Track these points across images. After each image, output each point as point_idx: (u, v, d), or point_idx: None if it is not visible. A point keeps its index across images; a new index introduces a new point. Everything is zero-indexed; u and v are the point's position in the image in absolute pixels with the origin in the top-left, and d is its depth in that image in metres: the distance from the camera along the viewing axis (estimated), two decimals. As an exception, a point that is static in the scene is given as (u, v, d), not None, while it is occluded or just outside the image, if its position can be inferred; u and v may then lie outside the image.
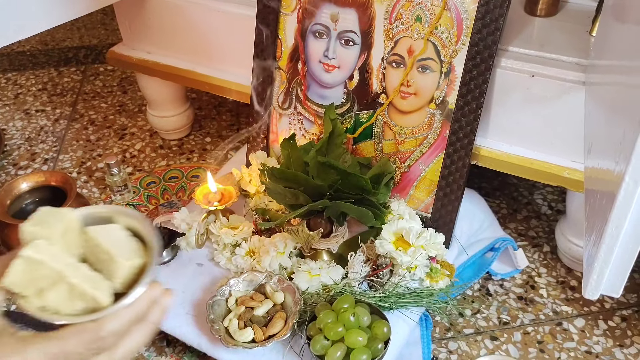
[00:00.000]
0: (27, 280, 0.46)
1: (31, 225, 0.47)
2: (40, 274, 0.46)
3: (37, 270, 0.45)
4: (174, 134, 1.35)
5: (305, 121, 1.01)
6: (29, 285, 0.46)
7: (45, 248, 0.46)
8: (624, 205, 0.49)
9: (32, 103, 1.52)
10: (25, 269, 0.45)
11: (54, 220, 0.48)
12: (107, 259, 0.48)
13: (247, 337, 0.78)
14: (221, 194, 0.95)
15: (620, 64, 0.61)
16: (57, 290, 0.46)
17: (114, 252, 0.48)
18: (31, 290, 0.46)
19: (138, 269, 0.49)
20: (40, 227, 0.47)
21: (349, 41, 0.93)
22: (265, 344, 0.77)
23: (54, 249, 0.47)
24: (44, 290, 0.46)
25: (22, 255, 0.45)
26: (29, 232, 0.47)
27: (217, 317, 0.81)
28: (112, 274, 0.48)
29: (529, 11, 0.96)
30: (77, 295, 0.46)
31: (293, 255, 0.90)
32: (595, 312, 0.94)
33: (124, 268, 0.48)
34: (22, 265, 0.45)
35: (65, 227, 0.48)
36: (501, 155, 0.90)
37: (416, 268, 0.85)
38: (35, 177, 1.04)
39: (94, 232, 0.49)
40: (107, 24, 1.93)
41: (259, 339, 0.78)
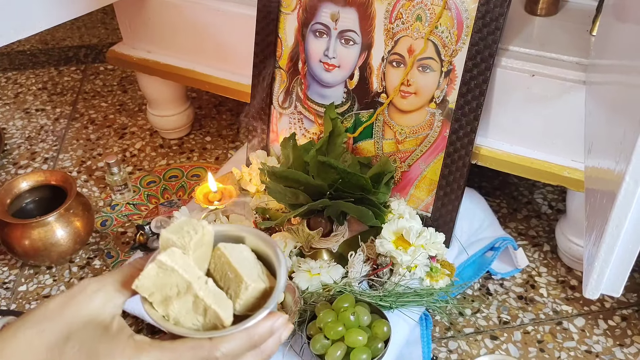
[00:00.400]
0: (156, 286, 0.46)
1: (169, 233, 0.47)
2: (170, 282, 0.46)
3: (168, 278, 0.45)
4: (174, 133, 1.35)
5: (306, 120, 1.01)
6: (157, 291, 0.46)
7: (179, 257, 0.46)
8: (625, 205, 0.49)
9: (32, 102, 1.52)
10: (158, 274, 0.45)
11: (192, 231, 0.47)
12: (234, 278, 0.47)
13: None
14: (221, 193, 0.95)
15: (621, 63, 0.61)
16: (183, 301, 0.46)
17: (241, 272, 0.47)
18: (158, 296, 0.46)
19: (260, 293, 0.48)
20: (177, 235, 0.47)
21: (349, 40, 0.93)
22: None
23: (188, 259, 0.46)
24: (170, 299, 0.46)
25: (158, 260, 0.45)
26: (165, 239, 0.47)
27: None
28: (236, 294, 0.47)
29: (530, 10, 0.96)
30: (201, 310, 0.46)
31: (293, 255, 0.90)
32: (595, 312, 0.94)
33: (249, 290, 0.47)
34: (155, 270, 0.45)
35: (201, 240, 0.47)
36: (501, 155, 0.90)
37: (416, 267, 0.85)
38: (35, 177, 1.04)
39: (224, 249, 0.49)
40: (107, 23, 1.93)
41: (259, 338, 0.78)
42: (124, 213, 1.15)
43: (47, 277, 1.02)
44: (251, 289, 0.47)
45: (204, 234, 0.47)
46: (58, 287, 1.00)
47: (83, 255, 1.06)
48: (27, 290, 1.00)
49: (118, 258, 1.05)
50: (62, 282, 1.01)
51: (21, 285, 1.01)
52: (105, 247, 1.08)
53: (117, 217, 1.14)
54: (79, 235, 1.01)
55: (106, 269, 1.03)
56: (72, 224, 1.00)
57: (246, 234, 0.52)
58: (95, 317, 0.45)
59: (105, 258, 1.05)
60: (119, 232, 1.11)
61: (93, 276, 0.51)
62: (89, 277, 1.01)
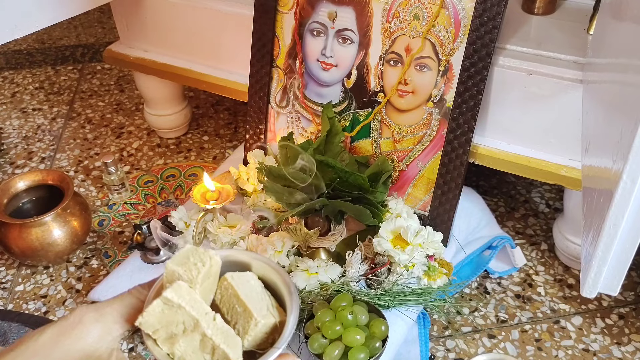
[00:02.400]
0: (161, 322, 0.43)
1: (175, 265, 0.44)
2: (176, 319, 0.43)
3: (174, 315, 0.43)
4: (171, 132, 1.35)
5: (303, 119, 1.01)
6: (162, 328, 0.43)
7: (186, 292, 0.43)
8: (622, 204, 0.49)
9: (29, 102, 1.52)
10: (163, 311, 0.43)
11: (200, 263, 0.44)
12: (242, 312, 0.45)
13: None
14: (219, 193, 0.95)
15: (618, 62, 0.61)
16: (189, 339, 0.43)
17: (250, 306, 0.44)
18: (162, 333, 0.43)
19: (270, 328, 0.45)
20: (184, 268, 0.44)
21: (346, 39, 0.93)
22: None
23: (194, 294, 0.43)
24: (176, 336, 0.43)
25: (163, 297, 0.42)
26: (171, 272, 0.44)
27: None
28: (244, 330, 0.44)
29: (527, 9, 0.96)
30: (209, 349, 0.43)
31: (291, 254, 0.89)
32: (592, 310, 0.94)
33: (259, 326, 0.44)
34: (161, 307, 0.43)
35: (208, 272, 0.45)
36: (499, 154, 0.90)
37: (414, 266, 0.85)
38: (32, 176, 1.04)
39: (231, 279, 0.46)
40: (104, 22, 1.93)
41: (257, 338, 0.78)
42: (121, 213, 1.15)
43: (44, 277, 1.02)
44: (261, 325, 0.44)
45: (211, 266, 0.45)
46: (55, 286, 1.00)
47: (80, 255, 1.06)
48: (25, 290, 1.00)
49: (115, 258, 1.05)
50: (59, 282, 1.00)
51: (18, 285, 1.01)
52: (102, 247, 1.07)
53: (115, 216, 1.14)
54: (76, 235, 1.01)
55: (103, 269, 1.02)
56: (69, 224, 0.99)
57: (253, 261, 0.49)
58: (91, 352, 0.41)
59: (103, 258, 1.05)
60: (116, 232, 1.11)
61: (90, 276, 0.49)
62: (86, 276, 1.01)
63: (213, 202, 0.93)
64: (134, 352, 0.88)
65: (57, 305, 0.96)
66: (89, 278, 1.00)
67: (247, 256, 0.49)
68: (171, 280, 0.44)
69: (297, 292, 0.47)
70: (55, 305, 0.96)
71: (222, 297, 0.46)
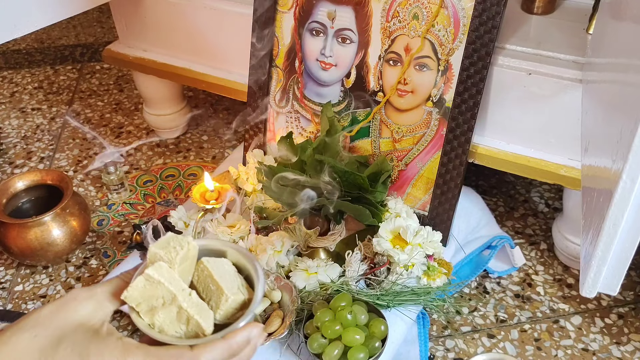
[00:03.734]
0: (143, 297, 0.49)
1: (157, 248, 0.51)
2: (156, 294, 0.49)
3: (154, 290, 0.49)
4: (170, 132, 1.35)
5: (302, 119, 1.01)
6: (144, 302, 0.49)
7: (166, 271, 0.49)
8: (621, 203, 0.49)
9: (28, 101, 1.52)
10: (145, 286, 0.49)
11: (178, 247, 0.51)
12: (215, 290, 0.51)
13: None
14: (218, 193, 0.95)
15: (617, 61, 0.61)
16: (167, 311, 0.49)
17: (222, 285, 0.51)
18: (144, 306, 0.49)
19: (239, 304, 0.51)
20: (164, 250, 0.50)
21: (346, 39, 0.93)
22: (263, 342, 0.77)
23: (173, 273, 0.50)
24: (156, 309, 0.49)
25: (146, 274, 0.49)
26: (153, 254, 0.51)
27: None
28: (217, 305, 0.51)
29: (526, 9, 0.96)
30: (184, 319, 0.49)
31: (290, 254, 0.89)
32: (592, 310, 0.94)
33: (229, 301, 0.50)
34: (143, 283, 0.49)
35: (186, 255, 0.51)
36: (498, 153, 0.90)
37: (413, 266, 0.85)
38: (31, 176, 1.04)
39: (207, 263, 0.52)
40: (103, 22, 1.93)
41: (257, 338, 0.78)
42: (120, 212, 1.15)
43: (43, 277, 1.02)
44: (231, 301, 0.50)
45: (189, 249, 0.51)
46: (54, 286, 1.00)
47: (79, 255, 1.06)
48: (24, 290, 1.00)
49: (115, 257, 1.05)
50: (58, 282, 1.00)
51: (17, 285, 1.01)
52: (101, 247, 1.07)
53: (114, 216, 1.14)
54: (75, 235, 1.00)
55: (102, 269, 1.02)
56: (68, 224, 0.99)
57: (228, 249, 0.55)
58: (85, 322, 0.48)
59: (102, 257, 1.05)
60: (115, 232, 1.10)
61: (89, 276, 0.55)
62: (85, 276, 1.01)
63: (212, 202, 0.93)
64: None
65: (57, 305, 0.96)
66: (88, 278, 1.00)
67: (223, 245, 0.56)
68: (153, 262, 0.50)
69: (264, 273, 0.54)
70: (54, 305, 0.96)
71: (198, 278, 0.52)
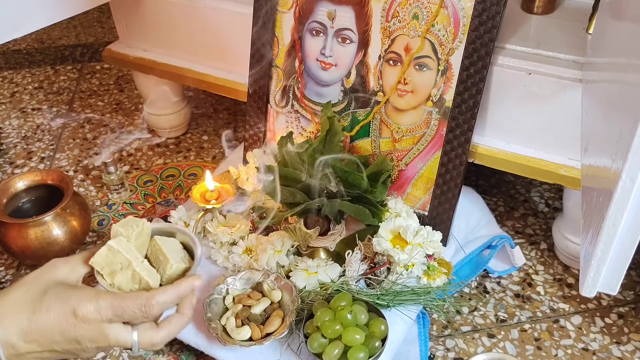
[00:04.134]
0: (106, 262, 0.64)
1: (118, 226, 0.65)
2: (116, 260, 0.63)
3: (114, 257, 0.63)
4: (170, 132, 1.35)
5: (303, 119, 1.01)
6: (107, 266, 0.64)
7: (124, 243, 0.64)
8: (621, 203, 0.49)
9: (29, 101, 1.52)
10: (107, 254, 0.63)
11: (135, 225, 0.65)
12: (163, 260, 0.66)
13: (244, 335, 0.78)
14: (218, 193, 0.95)
15: (617, 61, 0.61)
16: (124, 274, 0.64)
17: (169, 256, 0.66)
18: (107, 270, 0.64)
19: (182, 271, 0.67)
20: (124, 228, 0.65)
21: (345, 39, 0.93)
22: (263, 342, 0.77)
23: (130, 245, 0.64)
24: (115, 272, 0.64)
25: (108, 244, 0.63)
26: (115, 231, 0.65)
27: (214, 316, 0.81)
28: (164, 271, 0.66)
29: (526, 9, 0.96)
30: (137, 280, 0.64)
31: (290, 254, 0.89)
32: (592, 310, 0.94)
33: (173, 268, 0.65)
34: (106, 251, 0.63)
35: (140, 232, 0.65)
36: (498, 153, 0.90)
37: (413, 266, 0.85)
38: (31, 176, 1.04)
39: (158, 240, 0.67)
40: (104, 22, 1.93)
41: (256, 337, 0.78)
42: (120, 212, 1.15)
43: (43, 277, 1.02)
44: (175, 268, 0.65)
45: (143, 228, 0.66)
46: (55, 286, 1.00)
47: (80, 255, 1.06)
48: (24, 290, 1.00)
49: (115, 257, 1.05)
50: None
51: (18, 285, 1.01)
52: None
53: (114, 216, 1.14)
54: (75, 235, 1.00)
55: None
56: (68, 224, 0.99)
57: (176, 231, 0.70)
58: (64, 279, 0.63)
59: (102, 257, 1.05)
60: (115, 232, 1.11)
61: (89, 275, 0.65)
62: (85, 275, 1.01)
63: (213, 202, 0.93)
64: (134, 352, 0.88)
65: (57, 305, 0.96)
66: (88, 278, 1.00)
67: (173, 228, 0.71)
68: (115, 236, 0.65)
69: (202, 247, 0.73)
70: (54, 305, 0.96)
71: (151, 252, 0.67)
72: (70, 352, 0.61)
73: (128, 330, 0.62)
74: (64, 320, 0.59)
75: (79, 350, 0.61)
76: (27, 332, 0.59)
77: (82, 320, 0.60)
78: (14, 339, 0.59)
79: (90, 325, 0.60)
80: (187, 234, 0.70)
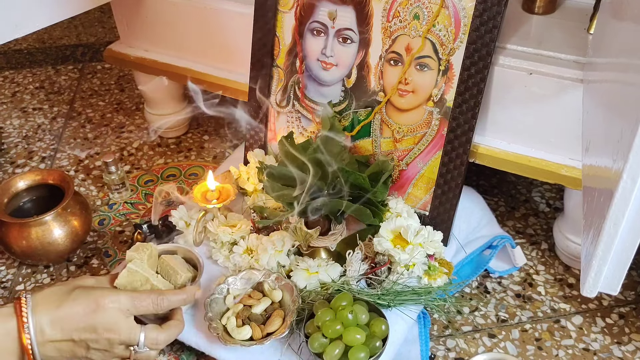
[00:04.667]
0: (128, 282, 0.77)
1: (131, 251, 0.80)
2: (136, 279, 0.77)
3: (134, 276, 0.77)
4: (171, 132, 1.35)
5: (303, 119, 1.01)
6: (128, 285, 0.77)
7: (140, 264, 0.78)
8: (622, 203, 0.49)
9: (30, 101, 1.52)
10: (128, 275, 0.77)
11: (145, 249, 0.80)
12: (172, 273, 0.82)
13: (245, 335, 0.78)
14: (219, 192, 0.95)
15: (618, 61, 0.61)
16: (144, 289, 0.77)
17: (177, 269, 0.82)
18: (129, 288, 0.77)
19: (189, 279, 0.82)
20: (136, 252, 0.79)
21: (346, 39, 0.93)
22: (264, 341, 0.77)
23: (144, 265, 0.78)
24: (137, 289, 0.77)
25: (128, 267, 0.77)
26: (130, 255, 0.79)
27: (215, 315, 0.81)
28: (175, 282, 0.81)
29: (527, 9, 0.96)
30: None
31: (291, 254, 0.89)
32: (593, 310, 0.94)
33: (182, 278, 0.81)
34: (126, 273, 0.77)
35: (150, 254, 0.80)
36: (499, 153, 0.90)
37: (414, 266, 0.85)
38: (32, 176, 1.04)
39: (165, 257, 0.84)
40: (105, 22, 1.93)
41: (257, 337, 0.78)
42: (121, 212, 1.15)
43: (44, 276, 1.02)
44: (184, 277, 0.81)
45: (151, 250, 0.81)
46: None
47: (81, 255, 1.06)
48: (25, 289, 1.00)
49: (116, 257, 1.05)
50: (59, 282, 1.00)
51: (19, 284, 1.01)
52: (102, 246, 1.07)
53: (115, 216, 1.14)
54: (76, 235, 1.01)
55: (104, 268, 1.02)
56: (69, 223, 0.99)
57: (177, 248, 0.88)
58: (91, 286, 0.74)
59: (103, 257, 1.05)
60: (116, 231, 1.11)
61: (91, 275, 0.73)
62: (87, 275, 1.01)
63: (213, 202, 0.93)
64: (135, 352, 0.88)
65: (58, 304, 0.96)
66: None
67: (174, 246, 0.88)
68: (130, 260, 0.78)
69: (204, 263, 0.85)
70: (55, 304, 0.97)
71: (161, 268, 0.83)
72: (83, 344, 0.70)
73: (138, 328, 0.72)
74: (87, 307, 0.69)
75: (91, 341, 0.69)
76: (54, 319, 0.68)
77: (102, 308, 0.69)
78: (44, 325, 0.68)
79: (109, 314, 0.70)
80: (186, 249, 0.87)
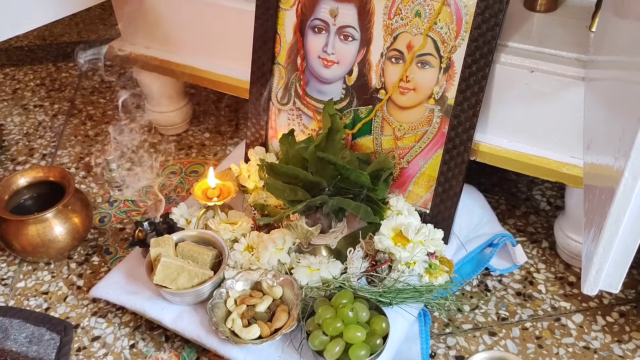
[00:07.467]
0: (165, 275, 0.81)
1: (154, 246, 0.85)
2: (172, 270, 0.81)
3: (168, 269, 0.81)
4: (172, 129, 1.35)
5: (304, 117, 1.01)
6: (167, 278, 0.81)
7: (169, 256, 0.83)
8: (623, 201, 0.49)
9: (30, 98, 1.52)
10: (163, 270, 0.81)
11: (166, 242, 0.85)
12: (198, 254, 0.85)
13: (254, 334, 0.79)
14: (220, 190, 0.95)
15: (620, 59, 0.60)
16: (183, 277, 0.82)
17: (199, 249, 0.86)
18: (168, 281, 0.82)
19: (215, 256, 0.86)
20: (160, 247, 0.84)
21: (348, 36, 0.93)
22: (274, 337, 0.77)
23: (173, 256, 0.84)
24: (176, 279, 0.82)
25: (162, 262, 0.81)
26: (155, 251, 0.84)
27: (219, 320, 0.81)
28: (204, 261, 0.85)
29: (529, 6, 0.96)
30: (194, 276, 0.83)
31: (292, 251, 0.89)
32: (593, 308, 0.94)
33: (209, 255, 0.85)
34: (162, 268, 0.81)
35: (172, 245, 0.86)
36: (500, 151, 0.90)
37: (415, 264, 0.85)
38: (33, 173, 1.04)
39: (182, 245, 0.87)
40: (106, 19, 1.93)
41: (266, 334, 0.79)
42: (122, 209, 1.15)
43: (45, 274, 1.02)
44: (211, 254, 0.86)
45: (170, 242, 0.85)
46: (56, 283, 1.00)
47: (81, 252, 1.06)
48: (26, 286, 1.00)
49: (117, 254, 1.05)
50: (60, 279, 1.01)
51: (19, 281, 1.01)
52: (103, 244, 1.07)
53: (116, 213, 1.14)
54: (77, 232, 1.01)
55: (104, 265, 1.02)
56: (70, 220, 0.99)
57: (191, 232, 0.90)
58: None
59: (104, 254, 1.05)
60: (117, 229, 1.11)
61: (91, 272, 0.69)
62: (87, 273, 1.01)
63: (214, 199, 0.93)
64: (135, 349, 0.88)
65: (58, 301, 0.97)
66: (90, 275, 1.00)
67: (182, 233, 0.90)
68: (155, 255, 0.84)
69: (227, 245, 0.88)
70: (56, 301, 0.97)
71: (182, 255, 0.85)
72: None
73: None
74: None
75: None
76: None
77: None
78: None
79: None
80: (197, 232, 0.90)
